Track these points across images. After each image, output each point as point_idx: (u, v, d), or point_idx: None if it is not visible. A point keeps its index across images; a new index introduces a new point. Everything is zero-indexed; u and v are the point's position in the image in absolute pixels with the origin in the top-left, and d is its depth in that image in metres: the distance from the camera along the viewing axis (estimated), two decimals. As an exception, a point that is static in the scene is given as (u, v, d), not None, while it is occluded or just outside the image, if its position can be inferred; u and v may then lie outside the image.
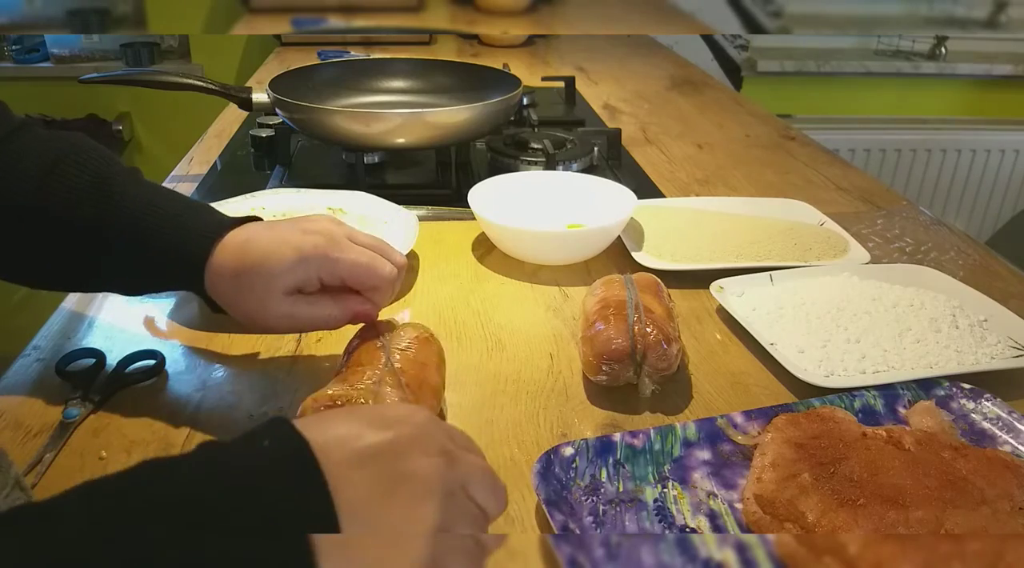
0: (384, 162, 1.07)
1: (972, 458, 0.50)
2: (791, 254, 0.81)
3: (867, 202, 1.01)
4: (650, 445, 0.53)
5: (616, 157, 1.11)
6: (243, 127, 1.23)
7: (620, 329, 0.59)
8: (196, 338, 0.67)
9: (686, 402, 0.60)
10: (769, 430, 0.54)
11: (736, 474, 0.52)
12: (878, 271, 0.76)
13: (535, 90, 1.36)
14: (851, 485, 0.48)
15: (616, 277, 0.67)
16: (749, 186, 1.06)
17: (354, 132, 0.92)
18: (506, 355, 0.66)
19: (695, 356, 0.66)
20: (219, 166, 1.08)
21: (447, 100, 1.11)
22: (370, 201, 0.87)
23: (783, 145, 1.23)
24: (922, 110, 2.33)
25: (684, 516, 0.48)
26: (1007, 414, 0.57)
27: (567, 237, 0.80)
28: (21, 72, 2.14)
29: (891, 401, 0.58)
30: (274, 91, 0.95)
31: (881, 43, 2.30)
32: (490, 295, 0.76)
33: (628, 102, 1.46)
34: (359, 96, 1.13)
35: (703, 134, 1.28)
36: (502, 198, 0.85)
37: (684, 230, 0.85)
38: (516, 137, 1.09)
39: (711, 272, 0.76)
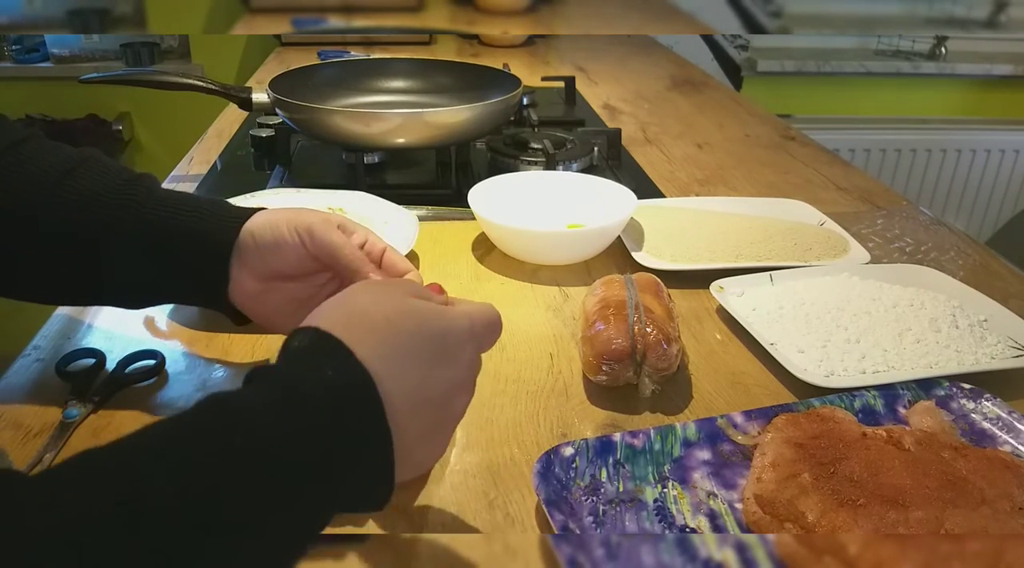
0: (384, 162, 1.07)
1: (972, 458, 0.50)
2: (791, 254, 0.81)
3: (867, 202, 1.01)
4: (650, 445, 0.53)
5: (616, 157, 1.11)
6: (243, 127, 1.23)
7: (620, 329, 0.59)
8: (196, 338, 0.67)
9: (686, 402, 0.60)
10: (769, 430, 0.54)
11: (736, 474, 0.52)
12: (878, 271, 0.76)
13: (535, 90, 1.36)
14: (851, 485, 0.48)
15: (616, 277, 0.67)
16: (749, 186, 1.06)
17: (354, 132, 0.92)
18: (506, 355, 0.66)
19: (695, 356, 0.66)
20: (219, 166, 1.08)
21: (447, 100, 1.11)
22: (370, 201, 0.87)
23: (783, 145, 1.23)
24: (922, 110, 2.33)
25: (684, 516, 0.48)
26: (1007, 414, 0.57)
27: (567, 237, 0.80)
28: (21, 72, 2.14)
29: (891, 401, 0.58)
30: (274, 91, 0.95)
31: (881, 43, 2.30)
32: (490, 295, 0.76)
33: (628, 102, 1.46)
34: (359, 96, 1.13)
35: (703, 134, 1.28)
36: (502, 198, 0.85)
37: (684, 230, 0.85)
38: (516, 137, 1.09)
39: (711, 272, 0.76)
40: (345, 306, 0.40)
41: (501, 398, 0.60)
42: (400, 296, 0.41)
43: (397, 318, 0.39)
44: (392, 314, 0.39)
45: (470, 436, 0.56)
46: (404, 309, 0.40)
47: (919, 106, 2.33)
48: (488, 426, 0.57)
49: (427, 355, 0.39)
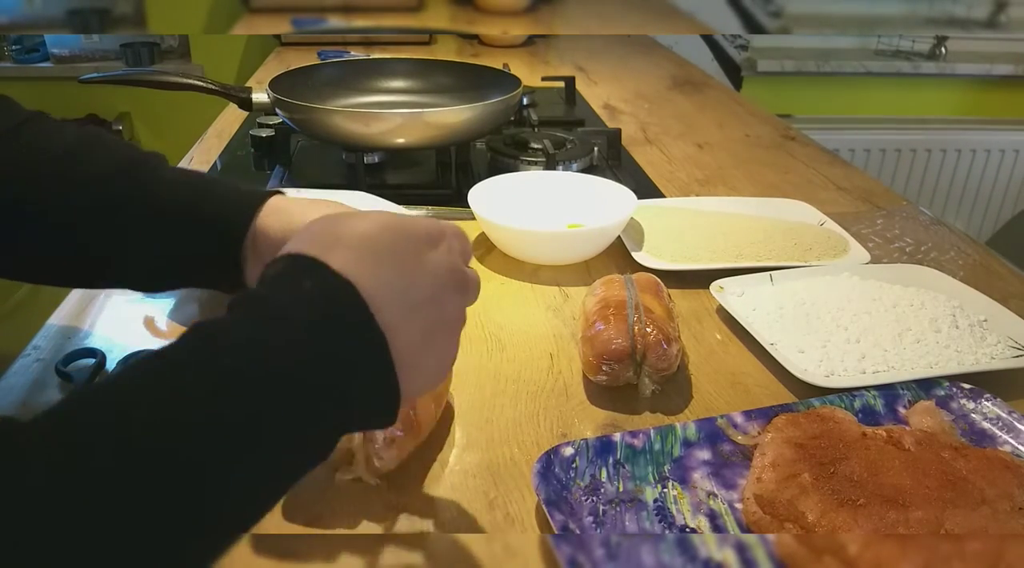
0: (384, 162, 1.07)
1: (972, 458, 0.50)
2: (791, 254, 0.81)
3: (867, 202, 1.01)
4: (650, 445, 0.53)
5: (616, 157, 1.11)
6: (243, 127, 1.23)
7: (620, 329, 0.59)
8: (196, 338, 0.67)
9: (686, 402, 0.60)
10: (769, 430, 0.54)
11: (736, 474, 0.52)
12: (878, 271, 0.76)
13: (535, 90, 1.36)
14: (851, 485, 0.48)
15: (616, 277, 0.67)
16: (749, 186, 1.06)
17: (354, 132, 0.92)
18: (506, 355, 0.66)
19: (695, 356, 0.66)
20: (219, 166, 1.08)
21: (447, 100, 1.11)
22: (370, 201, 0.87)
23: (783, 145, 1.23)
24: (922, 110, 2.33)
25: (684, 516, 0.48)
26: (1007, 414, 0.57)
27: (567, 237, 0.80)
28: (21, 72, 2.14)
29: (891, 401, 0.59)
30: (274, 91, 0.95)
31: (881, 43, 2.30)
32: (490, 295, 0.76)
33: (628, 102, 1.46)
34: (359, 96, 1.12)
35: (703, 134, 1.28)
36: (502, 198, 0.85)
37: (684, 230, 0.85)
38: (516, 137, 1.09)
39: (711, 272, 0.76)
40: (313, 229, 0.40)
41: (501, 398, 0.60)
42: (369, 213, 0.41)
43: (365, 227, 0.39)
44: (360, 226, 0.39)
45: (470, 436, 0.56)
46: (370, 219, 0.40)
47: (919, 106, 2.33)
48: (488, 426, 0.57)
49: (401, 256, 0.39)
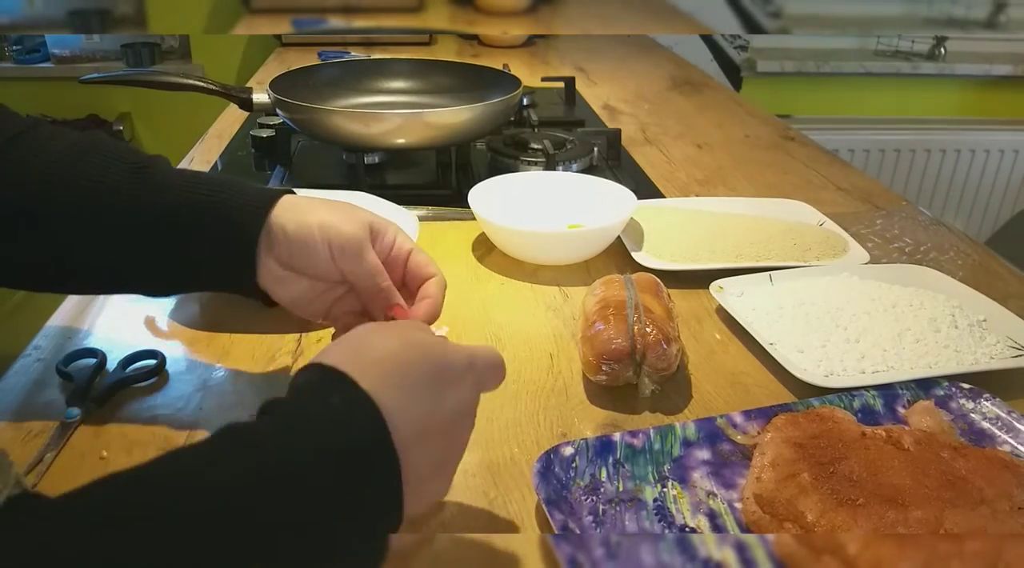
0: (384, 162, 1.07)
1: (971, 458, 0.50)
2: (791, 254, 0.81)
3: (867, 202, 1.01)
4: (650, 445, 0.53)
5: (616, 157, 1.11)
6: (243, 127, 1.23)
7: (620, 329, 0.59)
8: (196, 338, 0.67)
9: (686, 402, 0.61)
10: (768, 430, 0.54)
11: (736, 474, 0.52)
12: (878, 271, 0.76)
13: (535, 90, 1.36)
14: (850, 485, 0.48)
15: (616, 277, 0.67)
16: (749, 186, 1.06)
17: (354, 132, 0.92)
18: (506, 355, 0.65)
19: (695, 356, 0.66)
20: (219, 166, 1.08)
21: (447, 100, 1.11)
22: (370, 201, 0.87)
23: (783, 145, 1.23)
24: (922, 110, 2.33)
25: (684, 516, 0.48)
26: (1006, 414, 0.57)
27: (567, 237, 0.80)
28: (22, 72, 2.14)
29: (890, 401, 0.59)
30: (274, 91, 0.95)
31: (880, 43, 2.30)
32: (490, 295, 0.76)
33: (628, 102, 1.46)
34: (359, 96, 1.13)
35: (703, 134, 1.28)
36: (502, 198, 0.86)
37: (684, 230, 0.85)
38: (516, 137, 1.09)
39: (711, 272, 0.76)
40: (351, 343, 0.41)
41: (501, 398, 0.60)
42: (403, 331, 0.43)
43: (401, 351, 0.40)
44: (396, 349, 0.40)
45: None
46: (408, 342, 0.41)
47: (919, 106, 2.33)
48: (488, 426, 0.57)
49: (431, 387, 0.40)
